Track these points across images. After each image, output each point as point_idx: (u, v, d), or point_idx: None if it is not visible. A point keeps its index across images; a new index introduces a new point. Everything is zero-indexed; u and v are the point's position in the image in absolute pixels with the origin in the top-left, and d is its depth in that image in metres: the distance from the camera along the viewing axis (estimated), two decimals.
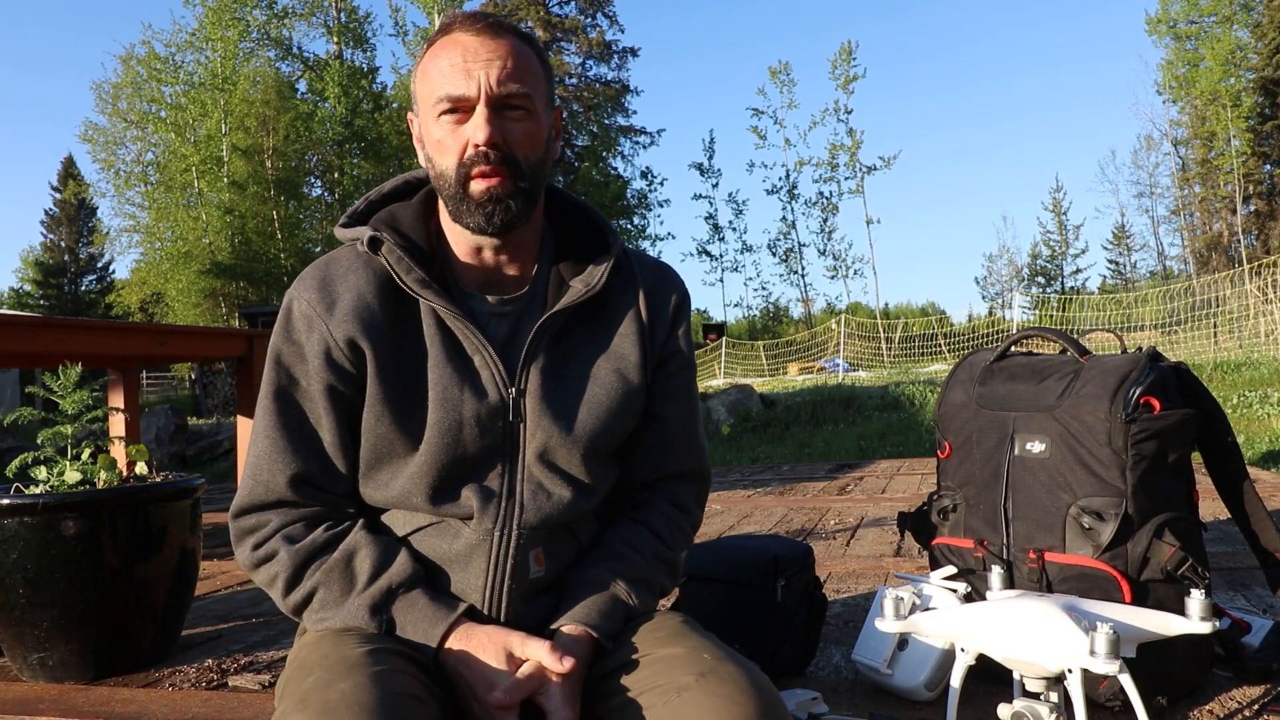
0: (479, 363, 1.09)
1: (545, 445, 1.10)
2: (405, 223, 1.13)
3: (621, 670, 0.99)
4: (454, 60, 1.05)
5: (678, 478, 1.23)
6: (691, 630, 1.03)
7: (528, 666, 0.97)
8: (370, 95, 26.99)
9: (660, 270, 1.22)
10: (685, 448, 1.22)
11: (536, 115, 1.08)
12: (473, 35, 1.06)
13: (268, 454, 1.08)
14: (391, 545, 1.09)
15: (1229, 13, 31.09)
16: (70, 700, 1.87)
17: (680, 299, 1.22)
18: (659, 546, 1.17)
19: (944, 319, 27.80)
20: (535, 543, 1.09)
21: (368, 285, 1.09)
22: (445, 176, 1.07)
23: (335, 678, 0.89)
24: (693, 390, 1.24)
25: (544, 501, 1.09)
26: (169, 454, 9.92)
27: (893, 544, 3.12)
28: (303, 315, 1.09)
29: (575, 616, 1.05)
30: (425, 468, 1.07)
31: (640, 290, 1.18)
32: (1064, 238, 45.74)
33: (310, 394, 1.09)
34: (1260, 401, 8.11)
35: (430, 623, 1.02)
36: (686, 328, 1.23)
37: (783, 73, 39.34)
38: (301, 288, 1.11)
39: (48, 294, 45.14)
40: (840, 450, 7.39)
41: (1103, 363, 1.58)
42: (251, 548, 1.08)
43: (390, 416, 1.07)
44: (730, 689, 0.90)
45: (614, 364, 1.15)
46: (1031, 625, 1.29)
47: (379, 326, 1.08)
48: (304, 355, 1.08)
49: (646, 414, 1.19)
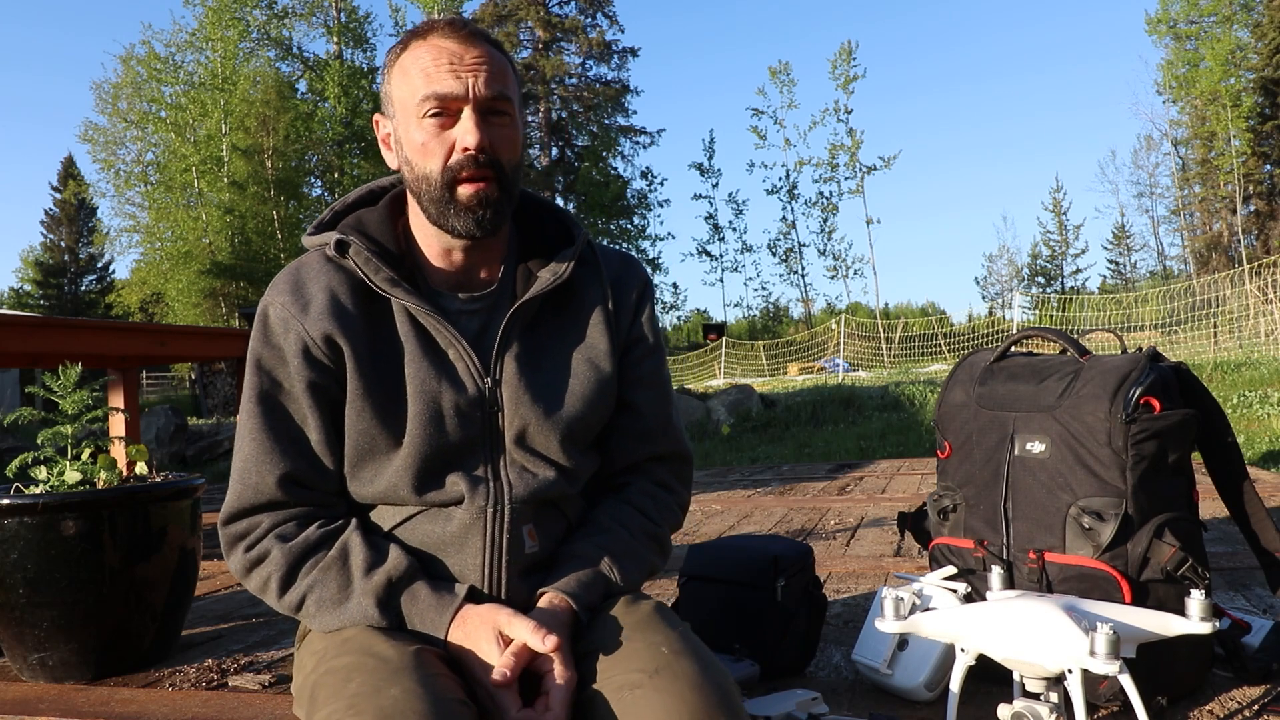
0: (453, 356, 1.10)
1: (523, 431, 1.11)
2: (372, 226, 1.14)
3: (585, 659, 1.00)
4: (440, 62, 1.05)
5: (657, 460, 1.25)
6: (660, 621, 1.03)
7: (515, 644, 0.99)
8: (370, 95, 27.00)
9: (624, 260, 1.25)
10: (661, 432, 1.24)
11: (516, 121, 1.10)
12: (455, 41, 1.06)
13: (255, 457, 1.08)
14: (383, 539, 1.10)
15: (1229, 13, 31.09)
16: (70, 700, 1.87)
17: (643, 286, 1.24)
18: (645, 523, 1.19)
19: (944, 319, 27.77)
20: (526, 518, 1.11)
21: (340, 285, 1.10)
22: (429, 179, 1.07)
23: (382, 683, 0.89)
24: (662, 374, 1.26)
25: (530, 479, 1.11)
26: (169, 454, 9.92)
27: (893, 544, 3.12)
28: (278, 318, 1.10)
29: (555, 586, 1.07)
30: (409, 460, 1.08)
31: (605, 280, 1.20)
32: (1064, 238, 45.77)
33: (293, 394, 1.09)
34: (1260, 401, 8.10)
35: (436, 612, 1.03)
36: (651, 313, 1.25)
37: (783, 73, 39.34)
38: (275, 292, 1.12)
39: (48, 294, 45.13)
40: (840, 450, 7.39)
41: (1103, 363, 1.58)
42: (244, 550, 1.08)
43: (371, 411, 1.08)
44: (680, 686, 0.90)
45: (585, 353, 1.17)
46: (1031, 625, 1.29)
47: (354, 324, 1.09)
48: (284, 356, 1.09)
49: (620, 402, 1.21)
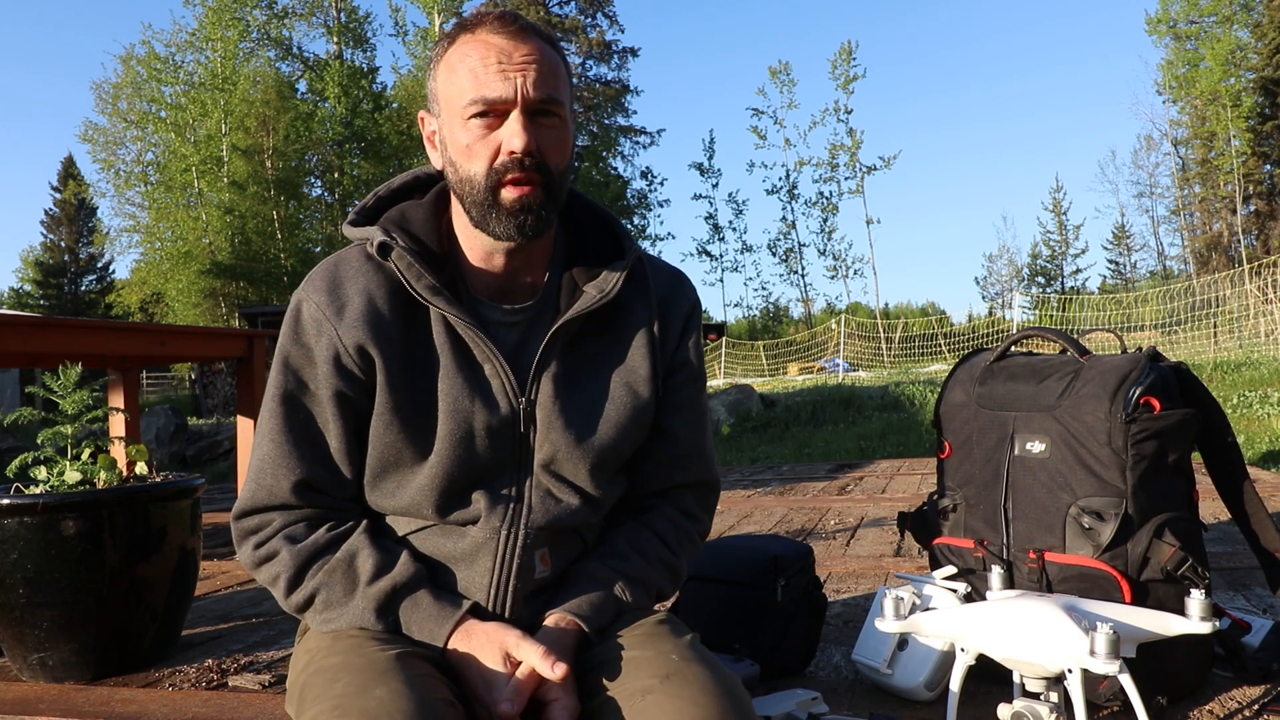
0: (489, 371, 1.07)
1: (553, 456, 1.08)
2: (416, 224, 1.09)
3: (593, 672, 0.99)
4: (488, 61, 1.00)
5: (685, 487, 1.21)
6: (668, 631, 1.02)
7: (524, 669, 0.97)
8: (370, 95, 26.98)
9: (673, 278, 1.19)
10: (694, 459, 1.20)
11: (566, 122, 1.06)
12: (505, 37, 1.01)
13: (272, 458, 1.06)
14: (394, 545, 1.08)
15: (1229, 13, 31.09)
16: (70, 700, 1.87)
17: (691, 308, 1.19)
18: (663, 551, 1.16)
19: (944, 319, 27.78)
20: (541, 543, 1.08)
21: (378, 289, 1.06)
22: (472, 182, 1.03)
23: (368, 683, 0.88)
24: (701, 401, 1.21)
25: (552, 505, 1.08)
26: (169, 454, 9.91)
27: (893, 544, 3.12)
28: (312, 319, 1.06)
29: (567, 607, 1.04)
30: (435, 479, 1.05)
31: (653, 300, 1.15)
32: (1064, 238, 45.78)
33: (318, 398, 1.06)
34: (1260, 401, 8.10)
35: (436, 622, 1.01)
36: (697, 338, 1.20)
37: (783, 73, 39.38)
38: (311, 289, 1.07)
39: (48, 294, 45.13)
40: (840, 450, 7.39)
41: (1103, 363, 1.58)
42: (253, 547, 1.07)
43: (399, 426, 1.05)
44: (692, 690, 0.89)
45: (625, 377, 1.12)
46: (1031, 625, 1.29)
47: (389, 333, 1.05)
48: (313, 359, 1.06)
49: (656, 426, 1.17)
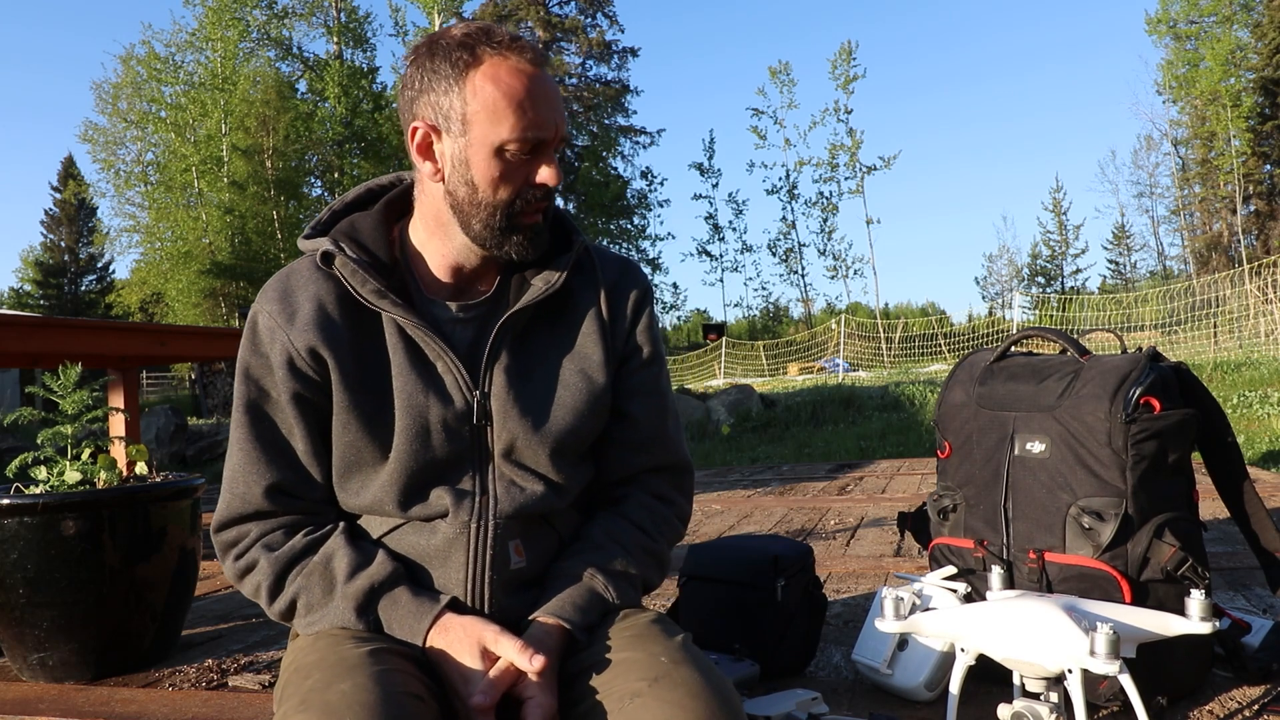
0: (442, 368, 1.09)
1: (512, 445, 1.10)
2: (365, 233, 1.12)
3: (583, 674, 0.99)
4: (535, 96, 1.03)
5: (654, 471, 1.22)
6: (659, 632, 1.02)
7: (501, 664, 0.98)
8: (370, 95, 27.00)
9: (622, 266, 1.22)
10: (658, 443, 1.21)
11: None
12: (535, 68, 1.04)
13: (243, 467, 1.09)
14: (370, 545, 1.09)
15: (1229, 13, 31.09)
16: (70, 700, 1.87)
17: (641, 294, 1.21)
18: (642, 538, 1.16)
19: (944, 319, 27.78)
20: (513, 533, 1.09)
21: (328, 295, 1.09)
22: (493, 206, 1.06)
23: (335, 679, 0.89)
24: (660, 384, 1.23)
25: (517, 494, 1.10)
26: (169, 454, 9.92)
27: (893, 544, 3.12)
28: (265, 327, 1.10)
29: (550, 609, 1.05)
30: (396, 474, 1.08)
31: (601, 288, 1.18)
32: (1064, 238, 45.76)
33: (279, 404, 1.10)
34: (1260, 401, 8.10)
35: (414, 618, 1.02)
36: (649, 322, 1.21)
37: (783, 73, 39.34)
38: (264, 300, 1.12)
39: (48, 294, 45.13)
40: (840, 450, 7.39)
41: (1103, 363, 1.58)
42: (234, 559, 1.10)
43: (357, 425, 1.08)
44: (680, 694, 0.89)
45: (578, 364, 1.15)
46: (1031, 625, 1.29)
47: (339, 335, 1.08)
48: (270, 366, 1.09)
49: (615, 412, 1.19)
